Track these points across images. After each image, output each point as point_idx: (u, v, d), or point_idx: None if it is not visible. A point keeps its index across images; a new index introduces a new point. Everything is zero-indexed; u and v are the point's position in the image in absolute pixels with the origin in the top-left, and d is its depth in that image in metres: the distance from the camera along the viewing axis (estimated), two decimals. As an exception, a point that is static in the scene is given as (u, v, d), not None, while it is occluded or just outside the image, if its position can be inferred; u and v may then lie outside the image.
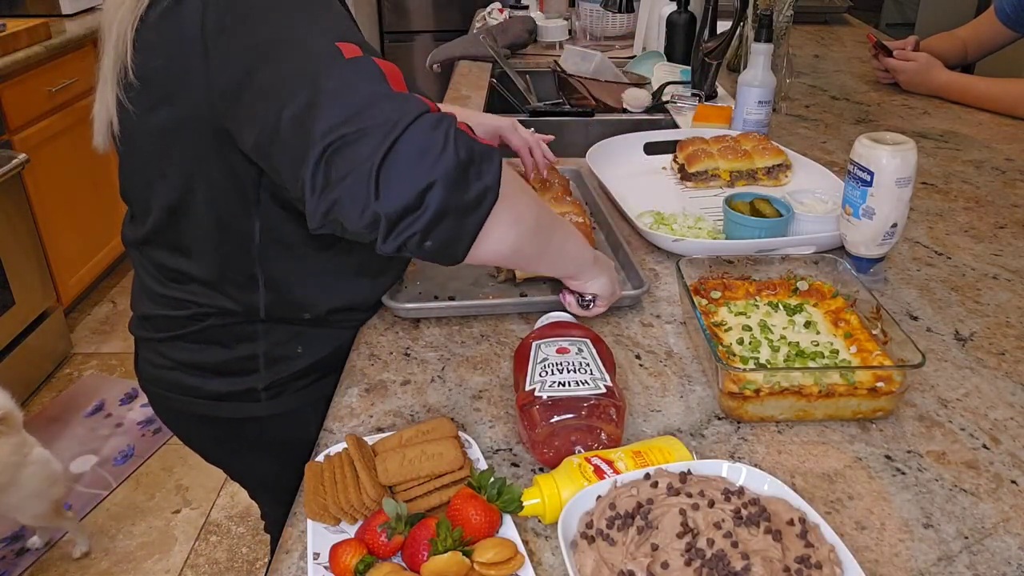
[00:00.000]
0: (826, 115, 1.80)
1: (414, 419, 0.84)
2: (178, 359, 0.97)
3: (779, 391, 0.81)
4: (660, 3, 2.13)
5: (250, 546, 2.04)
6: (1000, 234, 1.24)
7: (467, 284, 1.09)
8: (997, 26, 1.96)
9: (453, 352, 0.95)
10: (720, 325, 0.95)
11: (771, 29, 1.52)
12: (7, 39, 2.46)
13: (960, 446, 0.80)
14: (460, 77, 2.16)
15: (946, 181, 1.44)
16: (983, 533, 0.70)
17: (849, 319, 0.93)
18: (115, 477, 2.24)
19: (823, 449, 0.80)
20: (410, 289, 1.07)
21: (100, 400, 2.55)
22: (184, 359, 0.96)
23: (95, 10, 3.16)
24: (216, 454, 1.11)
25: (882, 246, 1.07)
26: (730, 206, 1.16)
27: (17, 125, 2.51)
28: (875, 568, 0.66)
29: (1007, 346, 0.96)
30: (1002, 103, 1.79)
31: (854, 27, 2.79)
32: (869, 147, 1.02)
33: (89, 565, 1.97)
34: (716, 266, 1.01)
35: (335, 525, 0.69)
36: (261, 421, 0.99)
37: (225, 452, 1.09)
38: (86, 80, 2.89)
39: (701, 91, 1.83)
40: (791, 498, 0.67)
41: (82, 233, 2.89)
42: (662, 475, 0.68)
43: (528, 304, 1.02)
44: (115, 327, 2.95)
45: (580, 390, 0.75)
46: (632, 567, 0.60)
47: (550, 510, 0.68)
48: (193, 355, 0.96)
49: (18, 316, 2.47)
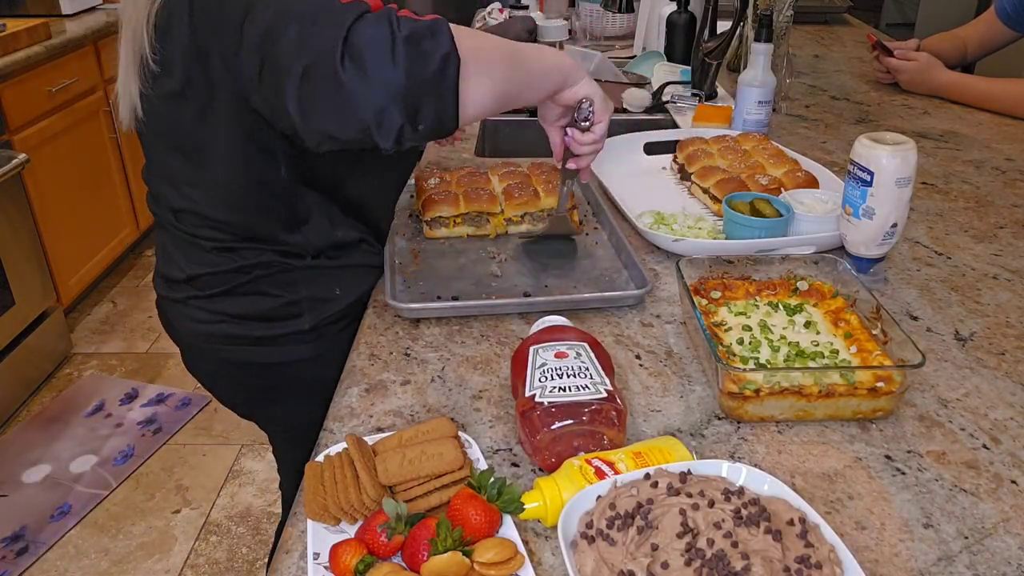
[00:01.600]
0: (826, 115, 1.80)
1: (414, 419, 0.84)
2: (228, 312, 1.03)
3: (779, 391, 0.81)
4: (660, 3, 2.13)
5: (250, 546, 2.04)
6: (1000, 234, 1.24)
7: (470, 284, 1.09)
8: (998, 26, 1.96)
9: (453, 352, 0.95)
10: (720, 325, 0.95)
11: (771, 29, 1.52)
12: (7, 39, 2.46)
13: (960, 446, 0.80)
14: (460, 77, 2.16)
15: (946, 181, 1.44)
16: (983, 533, 0.70)
17: (849, 319, 0.93)
18: (115, 477, 2.24)
19: (823, 449, 0.80)
20: (413, 289, 1.07)
21: (100, 400, 2.55)
22: (234, 311, 1.03)
23: (95, 10, 3.16)
24: (253, 403, 1.18)
25: (882, 246, 1.07)
26: (730, 206, 1.16)
27: (17, 125, 2.51)
28: (875, 568, 0.66)
29: (1007, 346, 0.96)
30: (1003, 103, 1.79)
31: (854, 27, 2.79)
32: (869, 147, 1.02)
33: (89, 565, 1.97)
34: (716, 266, 1.01)
35: (335, 525, 0.69)
36: (306, 363, 1.06)
37: (265, 399, 1.15)
38: (86, 80, 2.90)
39: (701, 91, 1.83)
40: (791, 498, 0.67)
41: (82, 233, 2.89)
42: (662, 475, 0.68)
43: (530, 304, 1.02)
44: (115, 327, 2.95)
45: (581, 395, 0.75)
46: (632, 567, 0.60)
47: (552, 513, 0.68)
48: (242, 307, 1.03)
49: (18, 316, 2.47)
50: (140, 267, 3.37)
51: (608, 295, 1.04)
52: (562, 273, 1.12)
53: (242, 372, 1.10)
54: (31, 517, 2.10)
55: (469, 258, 1.16)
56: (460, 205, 1.21)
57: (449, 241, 1.21)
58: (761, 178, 1.28)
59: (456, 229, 1.21)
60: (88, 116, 2.92)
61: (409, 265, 1.14)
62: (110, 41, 3.00)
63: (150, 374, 2.68)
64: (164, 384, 2.63)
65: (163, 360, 2.75)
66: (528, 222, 1.23)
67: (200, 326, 1.06)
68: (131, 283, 3.25)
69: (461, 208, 1.20)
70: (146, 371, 2.70)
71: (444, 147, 1.61)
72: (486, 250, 1.18)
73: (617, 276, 1.11)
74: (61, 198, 2.75)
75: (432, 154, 1.59)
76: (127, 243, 3.24)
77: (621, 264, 1.14)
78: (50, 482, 2.22)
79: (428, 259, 1.16)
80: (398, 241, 1.20)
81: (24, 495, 2.17)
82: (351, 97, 0.71)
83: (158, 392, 2.58)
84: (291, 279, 1.02)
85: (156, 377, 2.67)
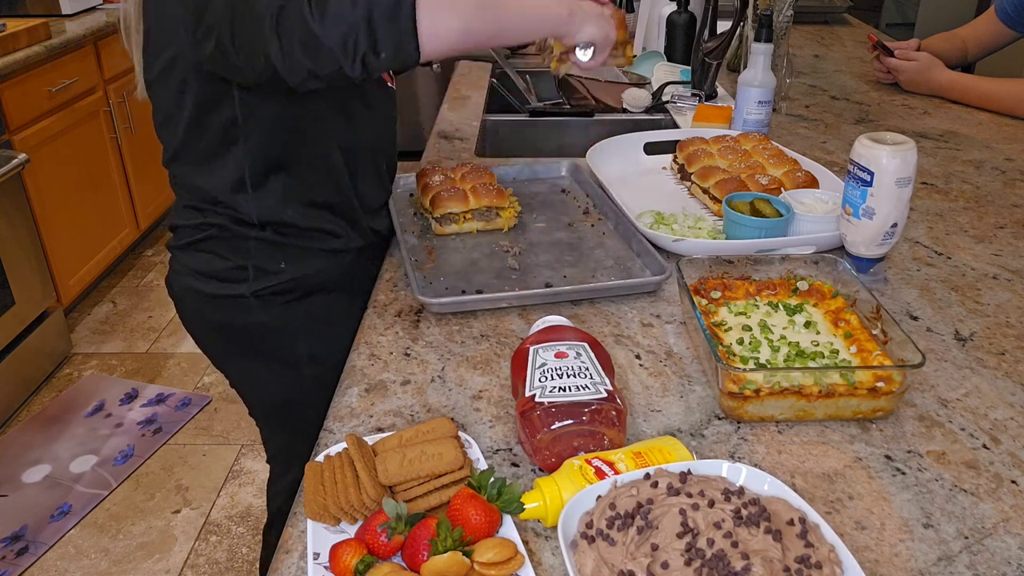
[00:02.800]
0: (826, 115, 1.80)
1: (414, 419, 0.84)
2: (191, 266, 1.14)
3: (779, 391, 0.81)
4: (660, 3, 2.13)
5: (250, 546, 2.04)
6: (1000, 234, 1.24)
7: (491, 278, 1.10)
8: (998, 26, 1.96)
9: (453, 352, 0.95)
10: (720, 325, 0.95)
11: (771, 29, 1.52)
12: (7, 39, 2.46)
13: (960, 446, 0.80)
14: (460, 77, 2.16)
15: (946, 181, 1.44)
16: (983, 533, 0.70)
17: (849, 319, 0.93)
18: (115, 477, 2.24)
19: (823, 449, 0.80)
20: (435, 285, 1.08)
21: (100, 400, 2.55)
22: (195, 267, 1.13)
23: (95, 10, 3.16)
24: (221, 359, 1.25)
25: (882, 246, 1.07)
26: (730, 206, 1.16)
27: (17, 125, 2.51)
28: (875, 568, 0.66)
29: (1007, 346, 0.96)
30: (1003, 103, 1.79)
31: (854, 27, 2.79)
32: (869, 147, 1.02)
33: (89, 565, 1.97)
34: (716, 266, 1.01)
35: (335, 525, 0.69)
36: (255, 329, 1.15)
37: (228, 356, 1.24)
38: (86, 80, 2.90)
39: (701, 91, 1.83)
40: (791, 498, 0.67)
41: (82, 233, 2.89)
42: (662, 475, 0.68)
43: (555, 294, 1.03)
44: (115, 327, 2.95)
45: (581, 395, 0.75)
46: (632, 567, 0.60)
47: (552, 513, 0.68)
48: (200, 264, 1.12)
49: (18, 316, 2.47)
50: (140, 267, 3.37)
51: (630, 282, 1.06)
52: (578, 263, 1.14)
53: (204, 326, 1.20)
54: (31, 517, 2.10)
55: (483, 252, 1.18)
56: (470, 201, 1.22)
57: (460, 237, 1.22)
58: (761, 178, 1.28)
59: (466, 225, 1.23)
60: (88, 116, 2.92)
61: (425, 262, 1.15)
62: (110, 41, 3.00)
63: (150, 374, 2.68)
64: (164, 384, 2.63)
65: (163, 360, 2.75)
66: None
67: (175, 277, 1.18)
68: (131, 283, 3.25)
69: (471, 204, 1.22)
70: (146, 371, 2.70)
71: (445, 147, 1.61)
72: (498, 244, 1.20)
73: (632, 264, 1.13)
74: (61, 198, 2.75)
75: (432, 154, 1.59)
76: (127, 243, 3.24)
77: (633, 252, 1.16)
78: (50, 482, 2.22)
79: (443, 255, 1.17)
80: (409, 239, 1.21)
81: (24, 495, 2.17)
82: (320, 36, 0.84)
83: (158, 392, 2.59)
84: (243, 246, 1.10)
85: (156, 377, 2.67)
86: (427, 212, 1.24)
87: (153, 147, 3.27)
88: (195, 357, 2.74)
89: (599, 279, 1.09)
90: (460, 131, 1.72)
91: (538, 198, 1.36)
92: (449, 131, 1.72)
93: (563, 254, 1.17)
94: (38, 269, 2.57)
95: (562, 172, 1.44)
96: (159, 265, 3.38)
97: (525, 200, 1.34)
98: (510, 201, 1.26)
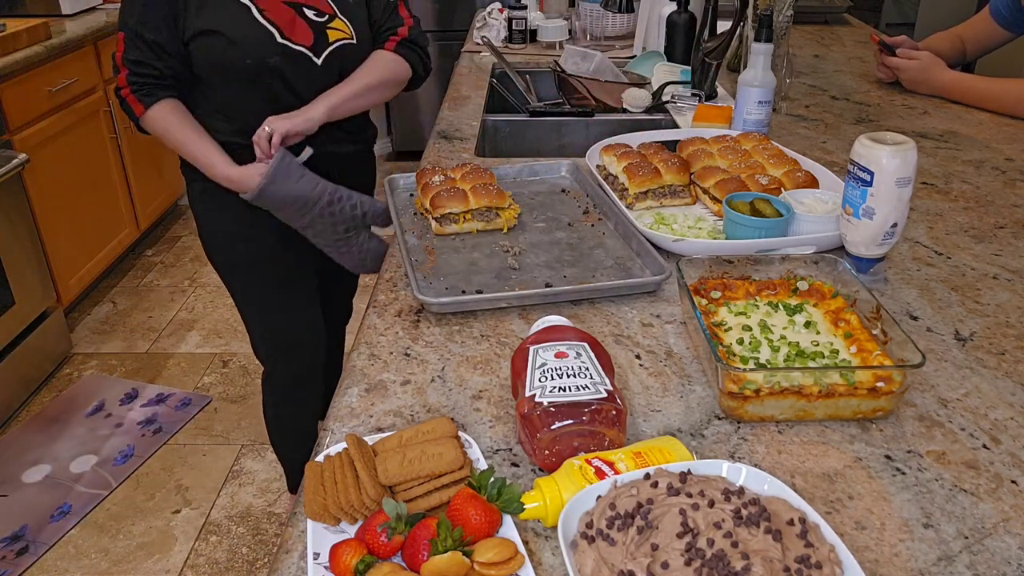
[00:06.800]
0: (826, 115, 1.80)
1: (414, 419, 0.84)
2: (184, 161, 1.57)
3: (779, 391, 0.81)
4: (660, 3, 2.13)
5: (250, 546, 2.04)
6: (1000, 234, 1.24)
7: (490, 278, 1.10)
8: (992, 25, 1.96)
9: (453, 352, 0.95)
10: (720, 325, 0.95)
11: (771, 29, 1.52)
12: (7, 39, 2.46)
13: (960, 446, 0.80)
14: (460, 77, 2.16)
15: (946, 181, 1.44)
16: (983, 533, 0.70)
17: (849, 319, 0.93)
18: (115, 477, 2.24)
19: (823, 449, 0.80)
20: (435, 285, 1.08)
21: (100, 400, 2.55)
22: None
23: (95, 10, 3.16)
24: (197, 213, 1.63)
25: (882, 246, 1.07)
26: (730, 206, 1.16)
27: (17, 125, 2.51)
28: (875, 568, 0.66)
29: (1007, 346, 0.96)
30: (1004, 103, 1.79)
31: (854, 27, 2.79)
32: (869, 147, 1.02)
33: (89, 565, 1.97)
34: (716, 266, 1.01)
35: (335, 525, 0.69)
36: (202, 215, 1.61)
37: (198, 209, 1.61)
38: (86, 80, 2.90)
39: (701, 91, 1.83)
40: (791, 498, 0.67)
41: (82, 233, 2.89)
42: (662, 475, 0.68)
43: (556, 294, 1.03)
44: (115, 327, 2.95)
45: (581, 395, 0.75)
46: (632, 567, 0.60)
47: (552, 513, 0.68)
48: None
49: (18, 316, 2.47)
50: (140, 267, 3.37)
51: (630, 282, 1.06)
52: (577, 263, 1.14)
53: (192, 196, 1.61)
54: (31, 517, 2.10)
55: (483, 252, 1.18)
56: (470, 201, 1.22)
57: (460, 237, 1.22)
58: (761, 178, 1.28)
59: (466, 225, 1.23)
60: (88, 116, 2.92)
61: (425, 262, 1.15)
62: (110, 41, 2.99)
63: (150, 374, 2.68)
64: (164, 384, 2.63)
65: (163, 360, 2.75)
66: (651, 198, 1.31)
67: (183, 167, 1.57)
68: (131, 283, 3.25)
69: (471, 204, 1.22)
70: (146, 371, 2.70)
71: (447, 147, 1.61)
72: (498, 244, 1.20)
73: (631, 264, 1.13)
74: (61, 198, 2.75)
75: (432, 154, 1.59)
76: (127, 243, 3.24)
77: (633, 252, 1.16)
78: (50, 482, 2.22)
79: (442, 255, 1.17)
80: (409, 239, 1.21)
81: (24, 495, 2.17)
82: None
83: (158, 392, 2.59)
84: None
85: (156, 377, 2.67)
86: (427, 212, 1.24)
87: (153, 147, 3.29)
88: (195, 357, 2.74)
89: (599, 279, 1.09)
90: (460, 131, 1.72)
91: (538, 198, 1.36)
92: (449, 131, 1.72)
93: (563, 254, 1.17)
94: (38, 269, 2.57)
95: (562, 172, 1.44)
96: (159, 265, 3.38)
97: (525, 200, 1.34)
98: (509, 202, 1.26)
